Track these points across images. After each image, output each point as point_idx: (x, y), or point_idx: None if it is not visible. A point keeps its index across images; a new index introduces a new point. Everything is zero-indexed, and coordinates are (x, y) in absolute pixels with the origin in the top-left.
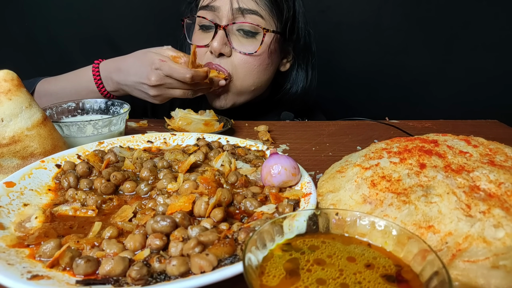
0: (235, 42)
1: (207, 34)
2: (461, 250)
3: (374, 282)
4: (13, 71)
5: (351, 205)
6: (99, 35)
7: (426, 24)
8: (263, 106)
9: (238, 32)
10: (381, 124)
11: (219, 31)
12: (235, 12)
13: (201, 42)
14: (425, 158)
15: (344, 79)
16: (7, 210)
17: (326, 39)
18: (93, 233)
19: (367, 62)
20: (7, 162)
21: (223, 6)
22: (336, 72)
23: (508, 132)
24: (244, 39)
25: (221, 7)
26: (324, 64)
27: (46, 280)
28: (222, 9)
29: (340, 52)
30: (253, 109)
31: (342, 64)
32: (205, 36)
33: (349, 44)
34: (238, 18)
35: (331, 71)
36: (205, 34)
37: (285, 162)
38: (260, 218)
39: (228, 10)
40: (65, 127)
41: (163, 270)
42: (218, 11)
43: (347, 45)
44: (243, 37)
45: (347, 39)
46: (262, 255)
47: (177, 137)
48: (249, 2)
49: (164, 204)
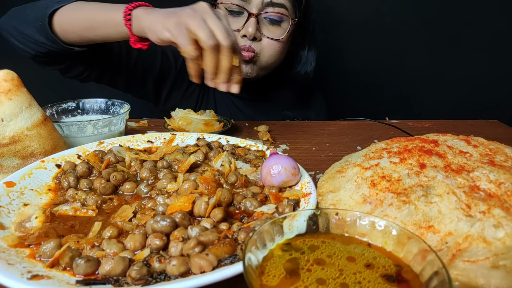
0: (263, 28)
1: (237, 19)
2: (461, 250)
3: (374, 282)
4: (13, 71)
5: (351, 205)
6: None
7: (426, 24)
8: (278, 80)
9: (265, 20)
10: (381, 124)
11: (252, 18)
12: (265, 3)
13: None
14: (425, 158)
15: (344, 79)
16: (7, 210)
17: (326, 39)
18: (93, 233)
19: (367, 62)
20: (7, 162)
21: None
22: (336, 72)
23: (508, 132)
24: (271, 26)
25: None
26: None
27: (46, 280)
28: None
29: (340, 52)
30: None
31: (342, 64)
32: (235, 21)
33: (349, 44)
34: (267, 8)
35: (331, 71)
36: (234, 19)
37: (285, 162)
38: (260, 218)
39: (259, 1)
40: (65, 127)
41: (163, 270)
42: (248, 1)
43: (347, 45)
44: (270, 24)
45: (347, 39)
46: (262, 255)
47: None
48: None
49: (164, 204)
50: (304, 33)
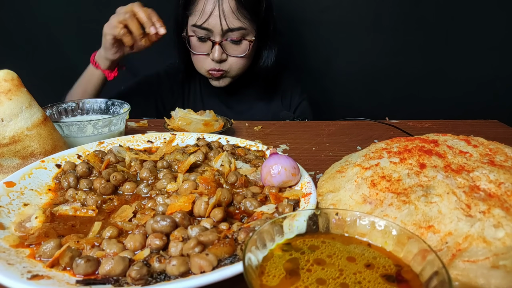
0: (228, 49)
1: (204, 44)
2: (461, 250)
3: (374, 282)
4: (13, 71)
5: (351, 205)
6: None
7: (426, 24)
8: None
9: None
10: (381, 124)
11: (216, 46)
12: (225, 30)
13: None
14: (425, 158)
15: (344, 79)
16: (7, 210)
17: (325, 39)
18: (93, 233)
19: (367, 62)
20: (7, 162)
21: (215, 27)
22: (336, 72)
23: (508, 132)
24: (235, 46)
25: (214, 28)
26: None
27: (46, 280)
28: (214, 30)
29: (340, 52)
30: (239, 82)
31: (341, 64)
32: (202, 45)
33: (348, 44)
34: (228, 34)
35: (331, 71)
36: (202, 44)
37: (285, 162)
38: (260, 218)
39: (219, 30)
40: (65, 127)
41: (163, 270)
42: (211, 31)
43: (347, 45)
44: (233, 44)
45: (347, 39)
46: (262, 255)
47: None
48: (234, 21)
49: (164, 204)
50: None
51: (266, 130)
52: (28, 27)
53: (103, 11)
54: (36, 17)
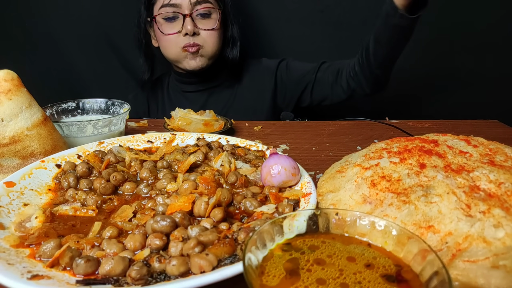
0: (199, 24)
1: (173, 23)
2: (461, 250)
3: (374, 282)
4: (13, 71)
5: (351, 205)
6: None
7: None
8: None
9: (198, 16)
10: (381, 124)
11: (187, 18)
12: (193, 3)
13: (172, 30)
14: (425, 158)
15: None
16: (7, 210)
17: (325, 38)
18: (93, 233)
19: None
20: (7, 162)
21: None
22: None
23: (508, 132)
24: (204, 20)
25: (182, 2)
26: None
27: (46, 280)
28: (183, 4)
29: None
30: (212, 68)
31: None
32: (172, 26)
33: (348, 43)
34: (196, 7)
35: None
36: (171, 24)
37: (285, 162)
38: (260, 218)
39: (188, 3)
40: (65, 127)
41: (163, 270)
42: (179, 6)
43: (347, 44)
44: (202, 18)
45: (347, 39)
46: (262, 255)
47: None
48: None
49: (164, 204)
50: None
51: (266, 130)
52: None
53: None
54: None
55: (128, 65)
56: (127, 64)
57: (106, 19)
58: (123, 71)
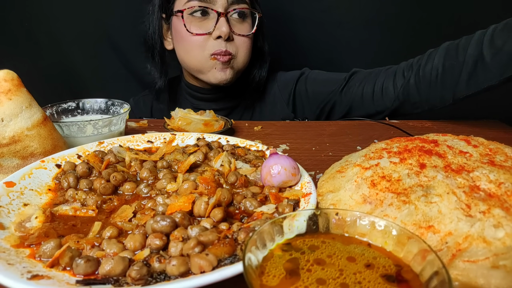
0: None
1: (202, 22)
2: (461, 250)
3: (374, 282)
4: (13, 71)
5: (351, 205)
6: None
7: (427, 24)
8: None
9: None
10: (381, 124)
11: (222, 18)
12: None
13: (199, 31)
14: (425, 158)
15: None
16: (7, 210)
17: (327, 38)
18: (93, 233)
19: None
20: (7, 162)
21: None
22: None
23: (508, 132)
24: (239, 24)
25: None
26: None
27: (46, 280)
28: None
29: (340, 51)
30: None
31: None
32: (201, 25)
33: (350, 43)
34: (232, 6)
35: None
36: (199, 23)
37: (285, 162)
38: (260, 218)
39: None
40: (65, 127)
41: (163, 270)
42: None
43: (348, 44)
44: (237, 22)
45: (348, 38)
46: (262, 255)
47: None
48: None
49: (164, 204)
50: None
51: (266, 130)
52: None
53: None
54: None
55: (129, 66)
56: (128, 64)
57: (106, 19)
58: (124, 71)
